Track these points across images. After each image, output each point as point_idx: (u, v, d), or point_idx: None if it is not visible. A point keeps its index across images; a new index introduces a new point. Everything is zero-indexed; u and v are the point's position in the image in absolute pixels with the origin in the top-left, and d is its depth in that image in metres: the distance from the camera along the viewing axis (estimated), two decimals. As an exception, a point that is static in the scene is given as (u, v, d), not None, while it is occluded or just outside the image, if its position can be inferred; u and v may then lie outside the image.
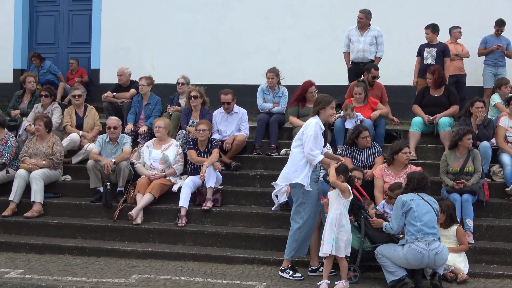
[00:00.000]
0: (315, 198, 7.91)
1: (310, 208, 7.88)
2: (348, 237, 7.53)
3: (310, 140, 7.76)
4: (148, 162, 10.16)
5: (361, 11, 12.07)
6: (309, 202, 7.88)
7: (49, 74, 14.85)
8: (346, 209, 7.59)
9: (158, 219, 9.76)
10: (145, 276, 8.01)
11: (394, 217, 7.65)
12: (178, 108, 11.50)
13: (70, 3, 16.19)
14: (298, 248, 7.97)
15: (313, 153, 7.73)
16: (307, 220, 7.88)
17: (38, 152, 10.41)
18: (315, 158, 7.75)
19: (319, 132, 7.84)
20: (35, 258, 8.98)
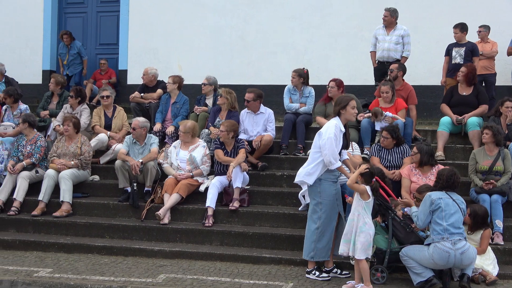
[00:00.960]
0: (332, 198, 7.86)
1: (326, 208, 7.84)
2: (367, 239, 7.39)
3: (328, 143, 7.71)
4: (175, 162, 10.20)
5: (386, 9, 12.02)
6: (326, 202, 7.85)
7: (78, 56, 14.97)
8: (365, 210, 7.48)
9: (185, 219, 9.79)
10: (172, 276, 8.04)
11: (421, 213, 7.56)
12: (205, 108, 11.52)
13: (98, 5, 16.31)
14: (319, 251, 7.91)
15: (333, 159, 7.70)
16: (324, 221, 7.85)
17: (66, 152, 10.51)
18: (333, 164, 7.72)
19: (338, 134, 7.79)
20: (64, 257, 9.05)
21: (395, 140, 9.64)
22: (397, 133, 9.67)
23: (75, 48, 15.00)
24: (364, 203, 7.48)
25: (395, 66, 11.21)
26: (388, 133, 9.60)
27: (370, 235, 7.44)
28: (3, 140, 11.14)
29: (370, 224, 7.47)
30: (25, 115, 11.01)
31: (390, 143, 9.62)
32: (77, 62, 15.01)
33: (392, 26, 12.02)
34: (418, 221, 7.60)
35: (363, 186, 7.48)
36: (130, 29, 15.67)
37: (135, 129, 10.37)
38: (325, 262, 8.08)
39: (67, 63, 14.94)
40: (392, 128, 9.68)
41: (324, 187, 7.84)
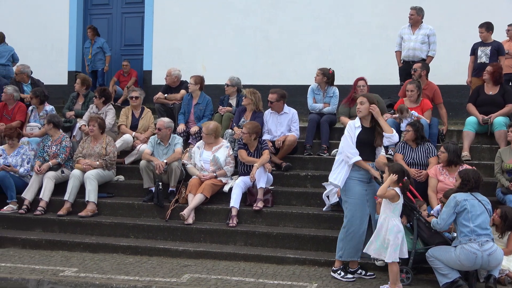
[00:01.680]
0: (358, 198, 7.80)
1: (351, 208, 7.81)
2: (396, 241, 7.30)
3: (343, 140, 7.88)
4: (199, 163, 10.22)
5: (412, 8, 11.95)
6: (351, 201, 7.82)
7: (101, 51, 15.16)
8: (394, 213, 7.41)
9: (210, 219, 9.81)
10: (196, 276, 8.05)
11: (444, 213, 7.47)
12: (229, 108, 11.53)
13: (123, 6, 16.41)
14: (348, 251, 7.86)
15: (348, 153, 7.75)
16: (350, 220, 7.81)
17: (92, 153, 10.59)
18: (349, 159, 7.75)
19: (351, 131, 7.84)
20: (89, 256, 9.11)
21: (417, 134, 9.55)
22: (419, 128, 9.58)
23: (98, 43, 15.19)
24: (392, 206, 7.41)
25: (418, 65, 11.14)
26: (410, 126, 9.58)
27: (399, 238, 7.33)
28: (30, 140, 11.27)
29: (399, 226, 7.38)
30: (49, 116, 11.12)
31: (412, 136, 9.54)
32: (99, 57, 15.20)
33: (417, 25, 11.95)
34: (439, 221, 7.51)
35: (393, 191, 7.40)
36: (154, 30, 15.74)
37: (161, 129, 10.41)
38: (350, 262, 8.05)
39: (91, 58, 15.13)
40: (415, 123, 9.65)
41: (349, 185, 7.82)
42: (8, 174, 10.41)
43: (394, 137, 7.82)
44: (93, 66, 15.21)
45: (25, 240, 9.64)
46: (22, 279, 8.00)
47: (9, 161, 10.62)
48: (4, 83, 12.88)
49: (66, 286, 7.85)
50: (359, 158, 7.75)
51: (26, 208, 10.31)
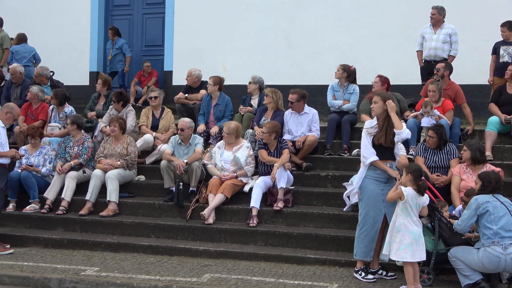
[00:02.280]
0: (373, 197, 7.76)
1: (365, 206, 7.81)
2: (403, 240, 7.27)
3: (361, 141, 7.87)
4: (219, 163, 10.23)
5: (433, 7, 11.88)
6: (365, 199, 7.82)
7: (120, 53, 15.23)
8: (402, 212, 7.37)
9: (230, 219, 9.82)
10: (217, 276, 8.06)
11: (465, 215, 7.40)
12: (249, 108, 11.52)
13: (144, 7, 16.48)
14: (361, 249, 7.85)
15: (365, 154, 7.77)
16: (364, 218, 7.81)
17: (113, 153, 10.64)
18: (365, 159, 7.76)
19: (366, 131, 7.84)
20: (110, 256, 9.16)
21: (441, 140, 9.47)
22: (443, 133, 9.49)
23: (118, 44, 15.28)
24: (400, 204, 7.39)
25: (442, 65, 11.05)
26: (434, 132, 9.43)
27: (405, 238, 7.29)
28: (50, 140, 11.35)
29: (407, 226, 7.33)
30: (73, 117, 11.18)
31: (435, 142, 9.46)
32: (119, 58, 15.27)
33: (439, 24, 11.88)
34: (459, 222, 7.44)
35: (399, 190, 7.38)
36: (175, 30, 15.79)
37: (184, 130, 10.43)
38: (370, 263, 8.01)
39: (111, 59, 15.24)
40: (438, 128, 9.52)
41: (364, 184, 7.82)
42: (31, 174, 10.49)
43: (403, 134, 7.72)
44: (112, 67, 15.30)
45: (47, 240, 9.72)
46: (44, 278, 8.07)
47: (32, 161, 10.70)
48: (27, 83, 13.00)
49: (88, 285, 7.91)
50: (376, 158, 7.72)
51: (48, 207, 10.40)
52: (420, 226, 7.43)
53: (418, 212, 7.45)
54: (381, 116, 7.82)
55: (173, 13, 15.83)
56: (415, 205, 7.39)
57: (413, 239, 7.30)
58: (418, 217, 7.46)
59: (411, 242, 7.30)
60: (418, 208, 7.45)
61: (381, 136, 7.74)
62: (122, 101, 11.74)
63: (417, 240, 7.32)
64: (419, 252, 7.33)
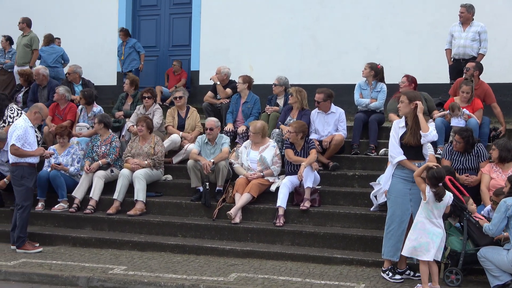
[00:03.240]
0: (399, 196, 7.71)
1: (392, 205, 7.77)
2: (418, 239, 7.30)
3: (389, 140, 7.84)
4: (246, 163, 10.23)
5: (462, 5, 11.77)
6: (392, 198, 7.77)
7: (134, 51, 15.25)
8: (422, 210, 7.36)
9: (256, 218, 9.82)
10: (243, 275, 8.06)
11: (495, 219, 7.32)
12: (276, 108, 11.51)
13: (171, 7, 16.55)
14: (388, 249, 7.79)
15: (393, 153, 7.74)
16: (390, 217, 7.77)
17: (140, 152, 10.70)
18: (393, 158, 7.73)
19: (395, 131, 7.79)
20: (138, 255, 9.22)
21: (467, 144, 9.28)
22: (470, 137, 9.31)
23: (130, 43, 15.30)
24: (423, 203, 7.38)
25: (472, 64, 10.93)
26: (460, 138, 9.25)
27: (425, 236, 7.28)
28: (79, 140, 11.44)
29: (425, 224, 7.31)
30: (101, 116, 11.27)
31: (462, 147, 9.33)
32: (133, 57, 15.26)
33: (468, 22, 11.76)
34: (490, 226, 7.36)
35: (424, 185, 7.34)
36: (202, 30, 15.83)
37: (213, 129, 10.45)
38: (398, 263, 7.95)
39: (123, 59, 15.25)
40: (466, 133, 9.31)
41: (392, 183, 7.78)
42: (59, 173, 10.58)
43: (428, 136, 7.62)
44: (126, 67, 15.25)
45: (76, 238, 9.80)
46: (72, 276, 8.15)
47: (60, 160, 10.80)
48: (54, 84, 13.09)
49: (115, 284, 7.97)
50: (403, 158, 7.66)
51: (77, 206, 10.48)
52: (440, 228, 7.35)
53: (442, 213, 7.38)
54: (408, 116, 7.76)
55: (199, 13, 15.87)
56: (437, 207, 7.33)
57: (429, 238, 7.28)
58: (440, 219, 7.38)
59: (427, 241, 7.28)
60: (442, 209, 7.37)
61: (409, 135, 7.67)
62: (153, 98, 11.88)
63: (433, 241, 7.28)
64: (432, 252, 7.28)
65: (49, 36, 14.77)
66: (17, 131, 9.33)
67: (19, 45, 14.52)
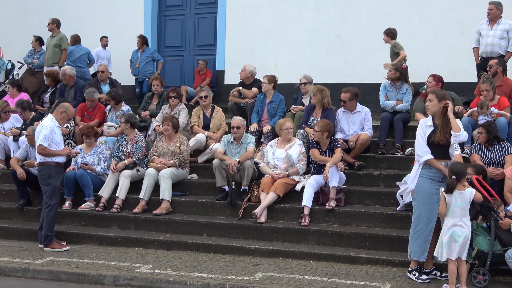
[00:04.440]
0: (427, 196, 7.63)
1: (419, 205, 7.69)
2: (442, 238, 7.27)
3: (416, 140, 7.75)
4: (272, 161, 10.23)
5: (490, 2, 11.66)
6: (419, 198, 7.70)
7: (151, 62, 15.16)
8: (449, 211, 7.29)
9: (282, 218, 9.81)
10: (269, 274, 8.06)
11: None
12: (301, 107, 11.48)
13: (197, 7, 16.59)
14: (415, 249, 7.72)
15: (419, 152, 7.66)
16: (417, 218, 7.69)
17: (166, 152, 10.75)
18: (419, 157, 7.66)
19: (422, 130, 7.70)
20: (164, 254, 9.26)
21: (489, 136, 9.33)
22: (493, 130, 9.36)
23: (147, 53, 15.20)
24: None
25: (494, 61, 10.83)
26: (483, 128, 9.37)
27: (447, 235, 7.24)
28: (107, 139, 11.52)
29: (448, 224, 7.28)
30: (127, 116, 11.35)
31: (485, 137, 9.32)
32: (148, 68, 15.14)
33: (496, 20, 11.65)
34: None
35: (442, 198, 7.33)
36: (227, 30, 15.85)
37: (239, 127, 10.48)
38: (424, 263, 7.89)
39: (138, 67, 15.06)
40: (488, 124, 9.44)
41: (419, 182, 7.70)
42: (86, 173, 10.67)
43: (460, 136, 7.56)
44: (141, 76, 15.06)
45: (102, 237, 9.88)
46: (99, 275, 8.21)
47: (87, 160, 10.89)
48: (81, 84, 13.20)
49: (141, 282, 8.01)
50: (430, 157, 7.59)
51: (103, 205, 10.56)
52: (465, 228, 7.27)
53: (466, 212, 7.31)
54: (436, 114, 7.70)
55: (225, 12, 15.89)
56: (458, 205, 7.26)
57: (451, 237, 7.24)
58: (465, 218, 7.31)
59: (449, 240, 7.24)
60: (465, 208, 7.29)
61: (439, 134, 7.61)
62: (179, 98, 11.94)
63: (455, 240, 7.23)
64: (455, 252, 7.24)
65: (75, 36, 14.86)
66: (44, 130, 9.43)
67: (49, 45, 14.58)
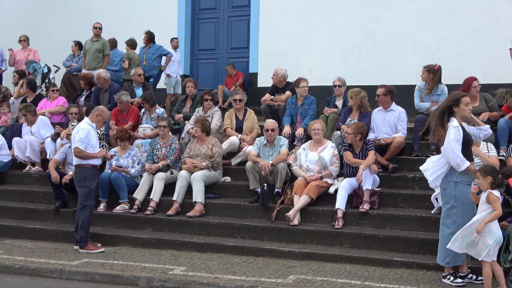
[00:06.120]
0: (468, 203, 7.55)
1: (462, 213, 7.56)
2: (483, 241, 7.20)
3: (449, 146, 7.50)
4: (305, 164, 10.22)
5: None
6: (462, 206, 7.56)
7: (157, 59, 14.86)
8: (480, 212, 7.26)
9: (315, 220, 9.79)
10: (302, 277, 8.05)
11: None
12: (334, 110, 11.44)
13: (230, 10, 16.67)
14: (455, 256, 7.63)
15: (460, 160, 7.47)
16: (460, 226, 7.52)
17: (198, 154, 10.80)
18: (461, 165, 7.47)
19: (459, 134, 7.52)
20: (197, 256, 9.30)
21: None
22: None
23: (153, 49, 14.93)
24: (480, 204, 7.33)
25: None
26: None
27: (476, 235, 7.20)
28: (142, 142, 11.62)
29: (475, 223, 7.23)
30: (168, 121, 11.45)
31: None
32: (153, 64, 14.87)
33: (533, 19, 11.51)
34: None
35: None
36: (260, 32, 15.90)
37: (274, 130, 10.51)
38: (459, 267, 7.81)
39: (145, 65, 14.83)
40: None
41: (460, 190, 7.57)
42: (120, 175, 10.77)
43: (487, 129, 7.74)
44: (147, 71, 14.68)
45: (136, 239, 9.96)
46: (133, 276, 8.27)
47: (121, 162, 10.99)
48: (116, 88, 13.32)
49: (175, 284, 8.05)
50: (469, 163, 7.52)
51: (137, 208, 10.65)
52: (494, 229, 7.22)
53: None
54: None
55: (258, 15, 15.94)
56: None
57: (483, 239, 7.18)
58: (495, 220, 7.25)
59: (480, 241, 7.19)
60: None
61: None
62: (213, 100, 12.02)
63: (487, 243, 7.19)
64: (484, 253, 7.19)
65: (112, 40, 14.98)
66: (80, 133, 9.55)
67: (90, 49, 14.59)
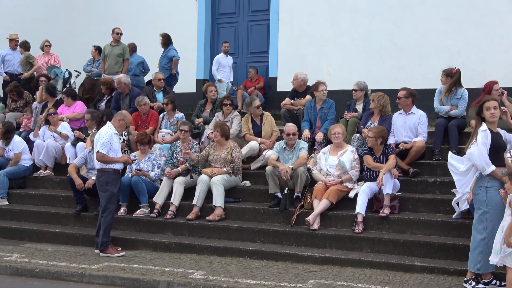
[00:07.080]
0: (499, 209, 7.41)
1: (493, 218, 7.43)
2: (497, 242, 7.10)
3: (477, 150, 7.43)
4: (325, 168, 10.18)
5: None
6: (493, 211, 7.44)
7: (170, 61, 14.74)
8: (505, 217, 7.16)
9: (335, 225, 9.75)
10: (322, 282, 8.01)
11: None
12: (355, 114, 11.40)
13: (249, 14, 16.70)
14: (487, 263, 7.47)
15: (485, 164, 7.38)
16: (491, 231, 7.41)
17: (218, 159, 10.80)
18: (486, 168, 7.39)
19: (486, 139, 7.43)
20: (217, 260, 9.30)
21: None
22: None
23: (165, 52, 14.87)
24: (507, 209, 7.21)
25: None
26: None
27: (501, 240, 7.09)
28: (161, 147, 11.66)
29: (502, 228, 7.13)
30: (190, 126, 11.49)
31: None
32: (165, 67, 14.82)
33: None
34: None
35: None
36: (279, 36, 15.89)
37: (295, 134, 10.50)
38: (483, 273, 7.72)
39: (159, 68, 14.82)
40: None
41: (491, 195, 7.45)
42: (141, 179, 10.81)
43: None
44: None
45: (156, 243, 9.99)
46: (153, 280, 8.29)
47: (141, 166, 11.02)
48: (136, 92, 13.37)
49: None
50: (494, 168, 7.43)
51: (157, 212, 10.68)
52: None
53: None
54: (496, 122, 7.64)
55: (277, 20, 15.94)
56: None
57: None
58: None
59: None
60: None
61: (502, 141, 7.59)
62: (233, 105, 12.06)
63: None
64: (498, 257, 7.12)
65: (131, 45, 15.04)
66: (103, 138, 9.60)
67: (110, 54, 14.62)
